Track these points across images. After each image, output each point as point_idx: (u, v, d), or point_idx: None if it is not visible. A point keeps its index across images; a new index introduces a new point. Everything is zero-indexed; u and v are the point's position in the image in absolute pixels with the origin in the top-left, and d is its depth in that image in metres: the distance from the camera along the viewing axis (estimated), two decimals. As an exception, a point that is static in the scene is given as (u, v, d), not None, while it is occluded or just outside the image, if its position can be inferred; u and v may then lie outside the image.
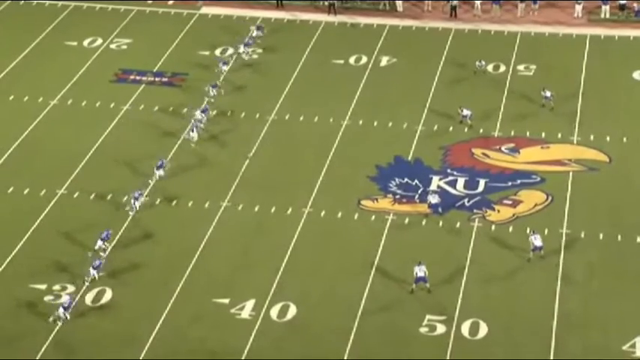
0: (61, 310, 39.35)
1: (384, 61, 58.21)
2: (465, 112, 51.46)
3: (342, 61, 58.13)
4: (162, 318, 39.79)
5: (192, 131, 50.47)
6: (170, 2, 65.06)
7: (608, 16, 61.23)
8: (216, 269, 42.40)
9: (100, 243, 42.81)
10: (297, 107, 53.68)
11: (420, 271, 40.80)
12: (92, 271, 41.39)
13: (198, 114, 51.63)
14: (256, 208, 46.06)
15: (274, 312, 40.17)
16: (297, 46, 59.36)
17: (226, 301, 40.52)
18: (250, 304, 40.44)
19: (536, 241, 42.33)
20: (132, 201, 45.56)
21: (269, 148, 50.43)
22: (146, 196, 46.60)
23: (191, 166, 48.89)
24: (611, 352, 37.73)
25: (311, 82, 56.00)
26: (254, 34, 59.83)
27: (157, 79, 56.76)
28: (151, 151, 49.92)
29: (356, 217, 45.58)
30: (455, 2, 62.35)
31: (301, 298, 40.72)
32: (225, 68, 56.32)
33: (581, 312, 39.68)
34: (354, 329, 39.26)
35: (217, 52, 59.16)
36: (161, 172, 47.76)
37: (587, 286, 41.03)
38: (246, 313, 40.05)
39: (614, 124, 51.29)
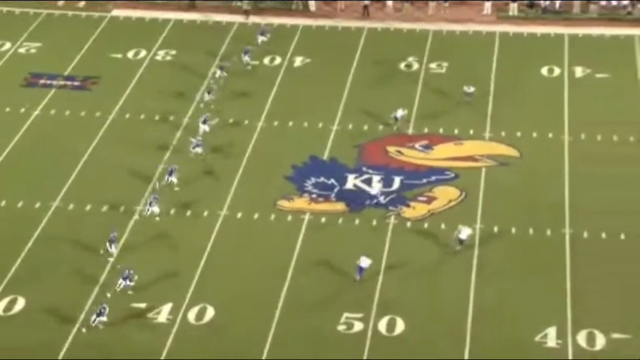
0: (95, 318, 38.85)
1: (298, 61, 58.51)
2: (400, 113, 51.76)
3: (256, 62, 58.22)
4: (78, 323, 39.45)
5: (198, 147, 49.19)
6: (81, 4, 64.40)
7: (516, 13, 62.50)
8: (133, 274, 42.16)
9: (111, 247, 42.57)
10: (212, 109, 53.60)
11: (364, 262, 41.40)
12: (122, 282, 40.74)
13: (201, 126, 50.66)
14: (172, 212, 45.93)
15: (192, 315, 40.11)
16: (210, 48, 59.28)
17: (143, 305, 40.32)
18: (167, 307, 40.31)
19: (462, 234, 42.97)
20: (146, 207, 45.24)
21: (185, 151, 50.28)
22: (60, 200, 46.23)
23: (105, 172, 48.51)
24: (524, 343, 38.46)
25: (225, 84, 55.95)
26: (259, 40, 59.35)
27: (68, 82, 56.20)
28: (63, 157, 49.46)
29: (272, 217, 45.74)
30: (367, 2, 62.95)
31: (219, 301, 40.71)
32: (223, 74, 55.40)
33: (495, 305, 40.38)
34: (273, 330, 39.40)
35: (130, 54, 58.79)
36: (173, 177, 47.05)
37: (501, 280, 41.77)
38: (163, 317, 39.92)
39: (524, 119, 52.30)
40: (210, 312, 40.23)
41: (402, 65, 57.53)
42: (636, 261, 42.31)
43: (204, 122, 50.89)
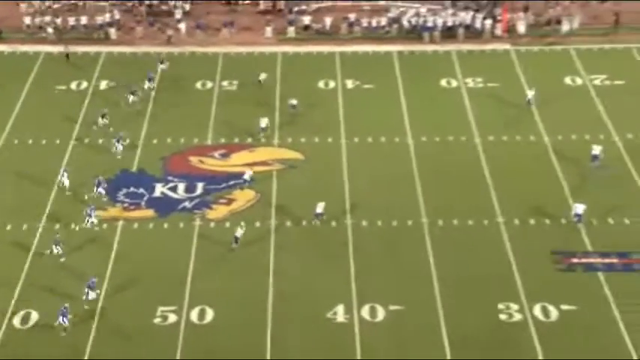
0: (62, 319, 37.58)
1: (104, 84, 57.28)
2: (264, 123, 51.70)
3: (64, 87, 56.66)
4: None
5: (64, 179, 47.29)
6: None
7: (294, 35, 63.61)
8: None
9: (56, 248, 41.57)
10: (26, 132, 51.72)
11: (238, 232, 42.39)
12: (88, 291, 39.20)
13: (116, 144, 49.68)
14: (-7, 227, 44.24)
15: (17, 320, 38.82)
16: (19, 76, 57.13)
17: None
18: (-6, 315, 38.90)
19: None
20: (86, 218, 44.08)
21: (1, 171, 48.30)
22: None
23: None
24: (319, 319, 39.26)
25: (36, 109, 54.09)
26: (159, 68, 57.58)
27: None
28: None
29: (89, 226, 44.65)
30: (170, 32, 62.55)
31: (41, 305, 39.49)
32: (135, 99, 54.09)
33: (291, 288, 40.98)
34: (94, 328, 38.60)
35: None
36: (101, 189, 46.22)
37: (295, 266, 42.40)
38: (-10, 325, 38.47)
39: (307, 126, 53.10)
40: (34, 316, 38.93)
41: (198, 84, 57.36)
42: (405, 244, 43.82)
43: (117, 141, 49.93)
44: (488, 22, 63.11)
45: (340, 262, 42.53)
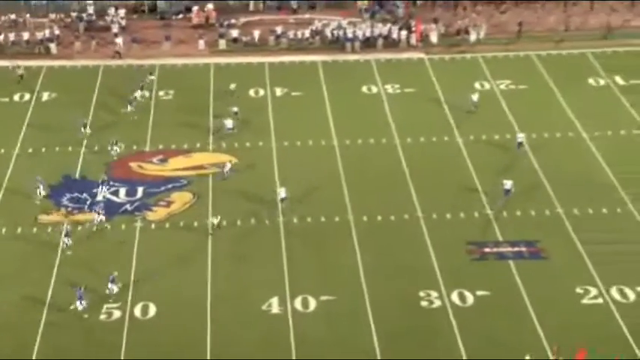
0: (79, 304, 37.20)
1: (45, 96, 56.14)
2: (229, 124, 51.55)
3: (7, 99, 55.38)
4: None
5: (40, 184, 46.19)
6: None
7: (225, 47, 63.23)
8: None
9: (65, 240, 41.30)
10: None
11: (216, 222, 43.08)
12: (112, 286, 38.74)
13: (114, 147, 49.39)
14: (-58, 234, 42.89)
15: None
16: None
17: None
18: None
19: (282, 194, 44.69)
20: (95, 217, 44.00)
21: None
22: None
23: None
24: (255, 312, 39.16)
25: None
26: (148, 80, 56.76)
27: None
28: None
29: (35, 230, 43.77)
30: (118, 48, 61.59)
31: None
32: (132, 109, 53.60)
33: (228, 285, 40.78)
34: (42, 323, 37.97)
35: None
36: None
37: (231, 263, 42.20)
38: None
39: (239, 132, 52.78)
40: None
41: (137, 94, 56.54)
42: (333, 238, 43.94)
43: (115, 144, 49.55)
44: (404, 33, 63.80)
45: (273, 257, 42.46)
